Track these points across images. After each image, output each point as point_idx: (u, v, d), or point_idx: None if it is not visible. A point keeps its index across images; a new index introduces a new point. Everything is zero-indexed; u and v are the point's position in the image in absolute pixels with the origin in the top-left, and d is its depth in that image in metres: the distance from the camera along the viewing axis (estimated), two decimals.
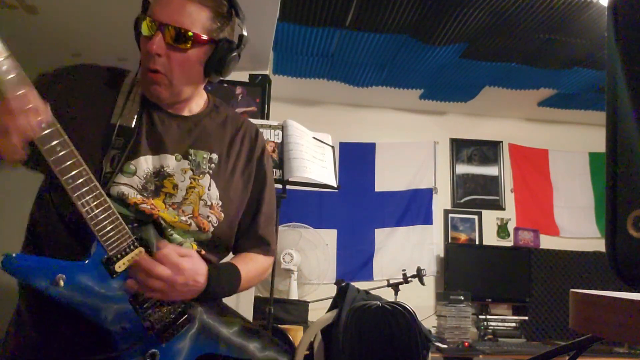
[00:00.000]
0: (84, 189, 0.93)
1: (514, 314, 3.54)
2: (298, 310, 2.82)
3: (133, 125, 1.07)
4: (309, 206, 3.59)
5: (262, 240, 1.26)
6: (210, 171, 1.14)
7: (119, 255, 0.97)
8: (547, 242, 3.84)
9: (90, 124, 1.05)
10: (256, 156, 1.25)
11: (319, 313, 2.59)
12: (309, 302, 2.94)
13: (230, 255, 1.27)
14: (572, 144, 4.06)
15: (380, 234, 3.71)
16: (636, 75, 0.55)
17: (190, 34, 1.03)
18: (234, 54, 1.12)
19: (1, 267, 0.87)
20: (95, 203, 0.94)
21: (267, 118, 2.83)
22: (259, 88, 2.84)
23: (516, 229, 3.87)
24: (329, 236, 3.61)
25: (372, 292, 2.55)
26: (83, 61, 1.20)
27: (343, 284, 2.40)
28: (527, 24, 2.61)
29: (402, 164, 3.85)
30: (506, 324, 3.39)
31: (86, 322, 0.96)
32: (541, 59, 3.02)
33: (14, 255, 0.90)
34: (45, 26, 2.41)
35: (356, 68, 3.25)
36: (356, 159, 3.82)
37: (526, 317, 3.49)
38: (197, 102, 1.20)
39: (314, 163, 2.50)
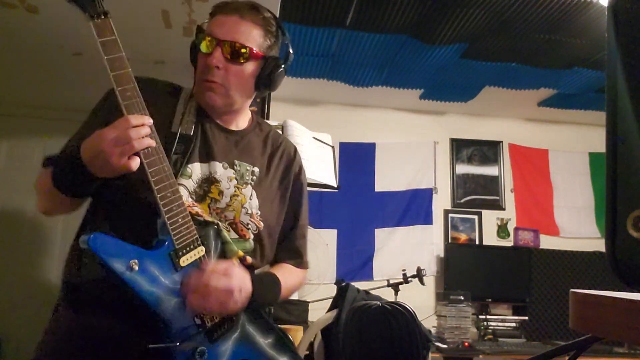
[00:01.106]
0: (165, 183, 1.00)
1: (514, 314, 3.54)
2: (298, 310, 2.81)
3: (192, 133, 1.17)
4: (309, 206, 3.59)
5: (296, 253, 1.35)
6: (252, 183, 1.23)
7: (184, 250, 1.02)
8: (547, 242, 3.84)
9: (156, 129, 1.11)
10: (294, 172, 1.34)
11: (319, 313, 2.59)
12: (309, 302, 2.94)
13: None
14: (572, 144, 4.06)
15: (380, 234, 3.71)
16: (636, 75, 0.56)
17: (245, 49, 1.15)
18: (281, 69, 1.25)
19: (88, 244, 0.90)
20: (172, 197, 1.00)
21: (267, 118, 2.82)
22: None
23: (516, 229, 3.87)
24: (329, 236, 3.61)
25: (372, 292, 2.56)
26: (84, 61, 1.24)
27: (343, 284, 2.41)
28: (527, 24, 2.61)
29: (402, 164, 3.85)
30: (506, 324, 3.39)
31: (131, 316, 0.98)
32: (541, 59, 3.02)
33: (100, 234, 0.92)
34: (45, 26, 2.41)
35: (356, 68, 3.25)
36: (356, 159, 3.81)
37: (526, 317, 3.49)
38: (244, 118, 1.30)
39: (314, 163, 2.50)
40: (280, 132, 1.42)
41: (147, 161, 0.98)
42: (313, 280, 3.30)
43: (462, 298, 3.16)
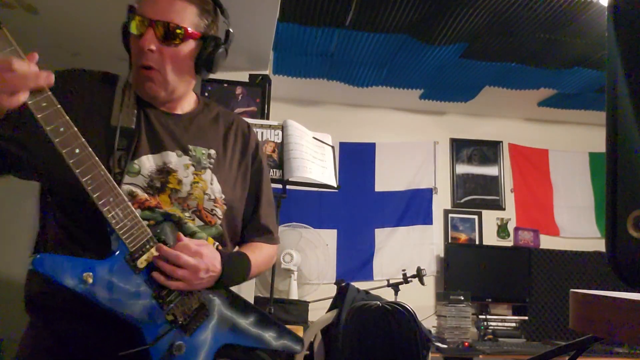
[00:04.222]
0: (104, 189, 0.96)
1: (514, 314, 3.54)
2: (298, 310, 2.81)
3: (134, 126, 1.11)
4: (309, 206, 3.59)
5: (265, 229, 1.31)
6: (211, 166, 1.18)
7: (140, 252, 1.01)
8: (547, 242, 3.84)
9: (90, 127, 1.06)
10: (251, 149, 1.29)
11: (319, 313, 2.59)
12: (309, 302, 2.94)
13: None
14: (572, 144, 4.06)
15: (380, 234, 3.71)
16: (636, 75, 0.55)
17: (179, 29, 1.07)
18: (221, 50, 1.16)
19: (32, 267, 0.90)
20: (114, 202, 0.97)
21: (267, 118, 2.83)
22: (259, 88, 2.84)
23: (516, 229, 3.86)
24: (329, 236, 3.61)
25: (372, 292, 2.56)
26: (83, 61, 1.22)
27: (343, 284, 2.41)
28: (527, 24, 2.61)
29: (402, 164, 3.85)
30: (506, 324, 3.39)
31: (102, 321, 0.98)
32: (541, 59, 3.02)
33: (43, 255, 0.92)
34: (45, 26, 2.41)
35: (356, 68, 3.25)
36: (356, 159, 3.81)
37: (526, 317, 3.49)
38: (189, 101, 1.23)
39: (314, 163, 2.50)
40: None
41: (79, 170, 0.93)
42: (313, 280, 3.30)
43: (462, 298, 3.16)
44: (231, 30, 1.19)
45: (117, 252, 0.99)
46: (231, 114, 1.34)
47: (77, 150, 0.94)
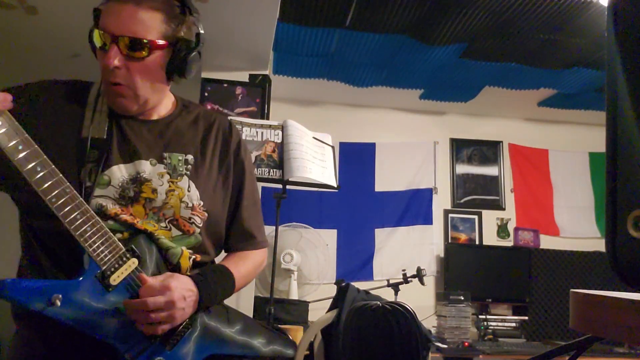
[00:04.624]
0: (70, 207, 0.92)
1: (514, 314, 3.54)
2: (298, 310, 2.81)
3: (105, 136, 1.07)
4: (309, 206, 3.59)
5: (247, 234, 1.25)
6: (188, 173, 1.13)
7: (112, 269, 0.97)
8: (547, 242, 3.84)
9: (60, 140, 1.04)
10: (232, 150, 1.23)
11: (319, 313, 2.59)
12: (309, 302, 2.94)
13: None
14: (572, 144, 4.06)
15: (380, 234, 3.71)
16: (636, 75, 0.55)
17: (145, 41, 1.02)
18: (194, 53, 1.10)
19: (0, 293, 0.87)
20: (82, 219, 0.93)
21: (267, 118, 2.83)
22: (259, 88, 2.84)
23: (516, 229, 3.86)
24: (329, 236, 3.61)
25: (372, 292, 2.55)
26: (83, 62, 1.21)
27: (343, 284, 2.40)
28: (527, 24, 2.61)
29: (402, 164, 3.85)
30: (506, 324, 3.39)
31: (86, 337, 0.95)
32: (541, 59, 3.02)
33: (7, 281, 0.89)
34: (45, 26, 2.41)
35: (356, 68, 3.25)
36: (356, 159, 3.81)
37: (526, 317, 3.49)
38: (165, 104, 1.18)
39: (314, 163, 2.50)
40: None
41: (42, 189, 0.90)
42: (313, 280, 3.30)
43: (462, 298, 3.16)
44: (202, 31, 1.13)
45: (88, 271, 0.95)
46: (212, 114, 1.27)
47: (38, 169, 0.90)
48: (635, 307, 0.55)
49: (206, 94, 2.75)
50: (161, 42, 1.04)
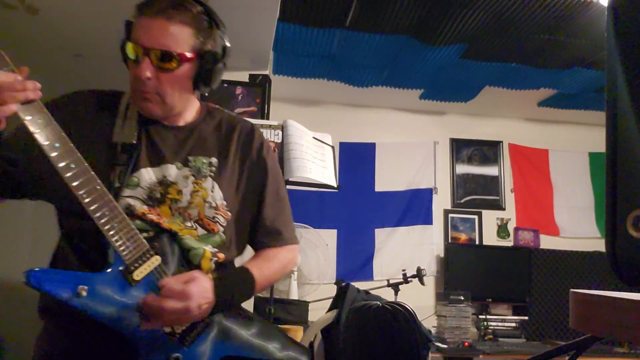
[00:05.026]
0: (99, 203, 0.97)
1: (514, 314, 3.54)
2: (298, 310, 2.81)
3: (134, 141, 1.13)
4: (309, 206, 3.59)
5: (272, 232, 1.27)
6: (212, 174, 1.18)
7: (136, 264, 1.00)
8: (547, 242, 3.84)
9: (94, 146, 1.10)
10: (255, 150, 1.27)
11: (319, 313, 2.59)
12: (309, 302, 2.94)
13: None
14: (572, 144, 4.06)
15: (380, 234, 3.71)
16: (636, 75, 0.56)
17: (175, 54, 1.08)
18: (220, 65, 1.17)
19: (25, 282, 0.90)
20: (110, 215, 0.98)
21: (267, 118, 2.83)
22: (259, 88, 2.84)
23: (516, 229, 3.86)
24: (329, 236, 3.61)
25: (372, 292, 2.56)
26: (85, 62, 1.24)
27: (343, 284, 2.41)
28: (527, 24, 2.61)
29: (402, 164, 3.85)
30: (506, 324, 3.39)
31: (109, 331, 0.98)
32: (541, 59, 3.02)
33: (36, 269, 0.92)
34: (45, 27, 2.41)
35: (356, 68, 3.25)
36: (356, 159, 3.81)
37: (526, 317, 3.49)
38: (190, 111, 1.24)
39: (314, 163, 2.50)
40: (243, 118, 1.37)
41: (74, 184, 0.95)
42: (313, 280, 3.30)
43: (462, 298, 3.16)
44: (228, 44, 1.20)
45: (113, 265, 0.99)
46: (235, 118, 1.33)
47: (72, 165, 0.95)
48: (635, 307, 0.55)
49: (206, 94, 2.75)
50: (190, 54, 1.11)
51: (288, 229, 1.30)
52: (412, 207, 3.78)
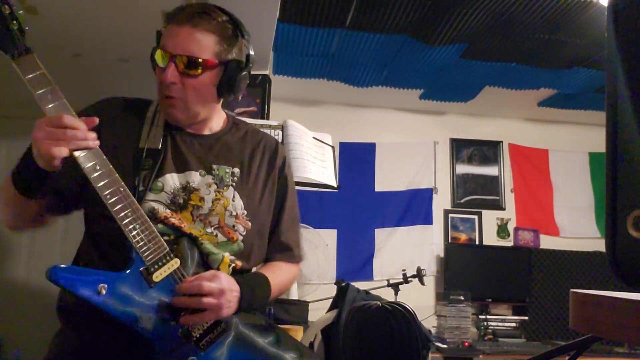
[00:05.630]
0: (122, 204, 1.00)
1: (514, 314, 3.54)
2: (298, 310, 2.81)
3: (160, 147, 1.17)
4: (309, 206, 3.59)
5: (285, 247, 1.32)
6: (234, 184, 1.22)
7: (156, 266, 1.02)
8: (547, 242, 3.84)
9: (121, 150, 1.15)
10: (278, 166, 1.32)
11: (319, 313, 2.59)
12: (309, 302, 2.93)
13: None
14: (572, 144, 4.06)
15: (380, 234, 3.71)
16: (636, 75, 0.56)
17: (200, 60, 1.12)
18: (244, 73, 1.21)
19: (48, 277, 0.92)
20: (133, 216, 1.01)
21: (267, 118, 2.83)
22: (259, 88, 2.84)
23: (516, 229, 3.86)
24: (329, 236, 3.61)
25: (372, 292, 2.56)
26: (84, 62, 1.27)
27: (343, 284, 2.41)
28: (527, 24, 2.61)
29: (402, 164, 3.85)
30: (506, 324, 3.39)
31: (124, 332, 0.99)
32: (541, 59, 3.02)
33: (60, 266, 0.94)
34: (45, 27, 2.41)
35: (356, 68, 3.25)
36: (356, 159, 3.81)
37: (526, 317, 3.49)
38: (217, 121, 1.29)
39: (314, 163, 2.50)
40: (269, 132, 1.42)
41: (99, 185, 0.98)
42: (313, 280, 3.30)
43: (462, 298, 3.16)
44: (252, 53, 1.23)
45: (134, 265, 1.01)
46: (259, 132, 1.37)
47: (97, 167, 0.99)
48: (635, 307, 0.55)
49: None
50: (214, 61, 1.15)
51: (298, 247, 1.36)
52: (412, 207, 3.78)
